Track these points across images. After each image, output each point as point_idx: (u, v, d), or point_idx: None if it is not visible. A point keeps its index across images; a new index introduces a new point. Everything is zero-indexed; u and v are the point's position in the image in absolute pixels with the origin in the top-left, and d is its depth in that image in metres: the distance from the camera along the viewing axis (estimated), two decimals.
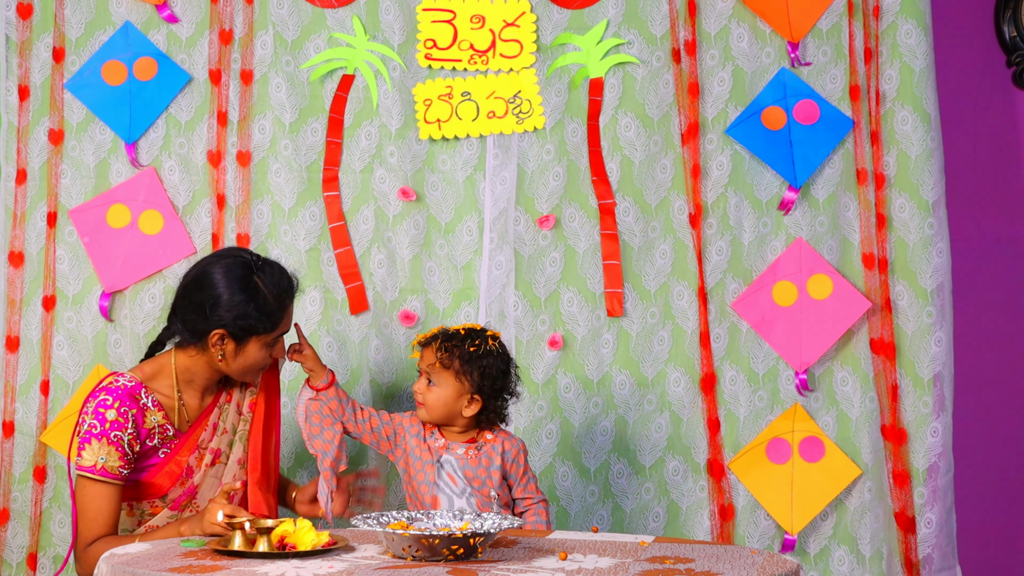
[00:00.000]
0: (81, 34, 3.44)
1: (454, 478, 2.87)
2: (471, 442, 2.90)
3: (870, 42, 3.45)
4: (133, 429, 2.75)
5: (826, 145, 3.44)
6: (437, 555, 2.33)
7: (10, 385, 3.37)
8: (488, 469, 2.88)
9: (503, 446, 2.91)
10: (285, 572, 2.21)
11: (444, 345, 2.87)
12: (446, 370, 2.86)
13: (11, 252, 3.40)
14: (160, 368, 2.86)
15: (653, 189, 3.44)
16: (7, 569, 3.35)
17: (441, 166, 3.44)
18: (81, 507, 2.74)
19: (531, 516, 2.92)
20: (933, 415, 3.41)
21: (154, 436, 2.79)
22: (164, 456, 2.81)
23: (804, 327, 3.41)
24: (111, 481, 2.73)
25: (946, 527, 3.43)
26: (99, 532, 2.73)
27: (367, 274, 3.41)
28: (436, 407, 2.88)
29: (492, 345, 2.89)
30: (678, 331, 3.43)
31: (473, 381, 2.87)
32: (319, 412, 2.89)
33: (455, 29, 3.44)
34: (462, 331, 2.90)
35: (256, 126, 3.42)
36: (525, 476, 2.93)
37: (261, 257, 2.87)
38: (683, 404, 3.42)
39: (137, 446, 2.77)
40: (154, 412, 2.79)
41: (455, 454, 2.88)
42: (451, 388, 2.87)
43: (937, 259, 3.43)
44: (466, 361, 2.86)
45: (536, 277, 3.41)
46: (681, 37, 3.44)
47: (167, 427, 2.81)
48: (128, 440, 2.74)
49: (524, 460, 2.93)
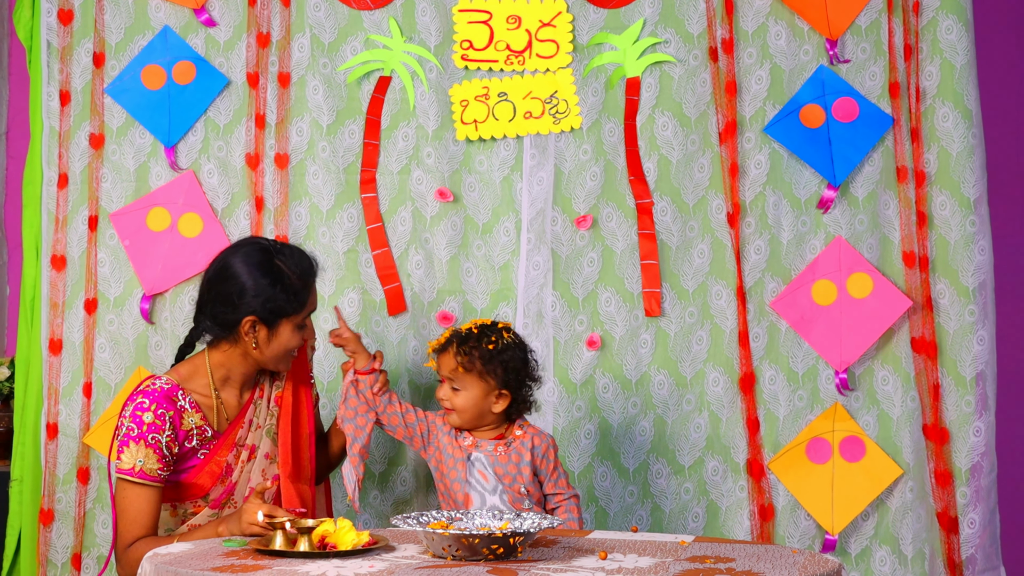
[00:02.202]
0: (121, 39, 3.47)
1: (485, 475, 2.87)
2: (499, 439, 2.90)
3: (910, 38, 3.42)
4: (171, 431, 2.77)
5: (865, 143, 3.41)
6: (477, 555, 2.33)
7: (54, 387, 3.41)
8: (518, 465, 2.88)
9: (532, 442, 2.90)
10: (326, 572, 2.22)
11: (461, 348, 2.86)
12: (469, 373, 2.86)
13: (53, 256, 3.43)
14: (196, 369, 2.88)
15: (691, 188, 3.43)
16: (52, 569, 3.39)
17: (478, 167, 3.44)
18: (121, 509, 2.77)
19: (563, 512, 2.92)
20: (975, 414, 3.38)
21: (192, 438, 2.81)
22: (204, 457, 2.82)
23: (844, 326, 3.39)
24: (150, 483, 2.75)
25: (990, 527, 3.40)
26: (139, 533, 2.75)
27: (405, 275, 3.42)
28: (466, 410, 2.88)
29: (508, 337, 2.89)
30: (716, 331, 3.41)
31: (498, 377, 2.87)
32: (356, 396, 2.90)
33: (491, 30, 3.44)
34: (474, 330, 2.89)
35: (294, 128, 3.43)
36: (555, 472, 2.92)
37: (277, 241, 2.90)
38: (722, 404, 3.40)
39: (175, 448, 2.79)
40: (192, 414, 2.81)
41: (484, 451, 2.88)
42: (478, 389, 2.87)
43: (979, 257, 3.39)
44: (488, 360, 2.86)
45: (574, 277, 3.41)
46: (718, 35, 3.43)
47: (205, 428, 2.82)
48: (166, 442, 2.76)
49: (554, 456, 2.93)
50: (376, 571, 2.23)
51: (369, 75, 3.45)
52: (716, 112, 3.42)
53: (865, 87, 3.44)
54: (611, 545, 2.52)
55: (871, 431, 3.39)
